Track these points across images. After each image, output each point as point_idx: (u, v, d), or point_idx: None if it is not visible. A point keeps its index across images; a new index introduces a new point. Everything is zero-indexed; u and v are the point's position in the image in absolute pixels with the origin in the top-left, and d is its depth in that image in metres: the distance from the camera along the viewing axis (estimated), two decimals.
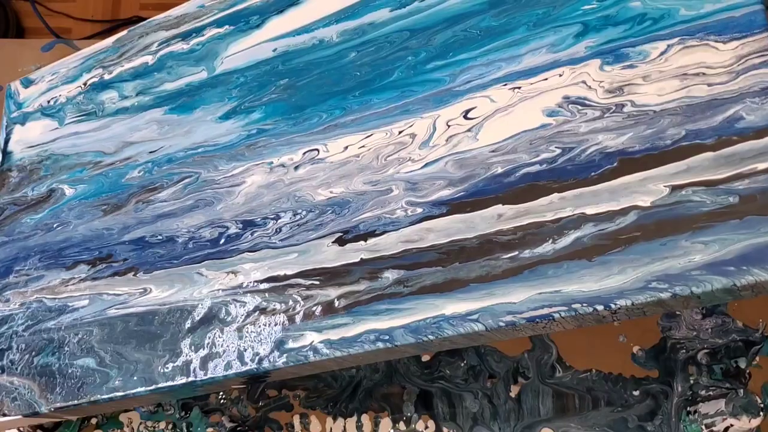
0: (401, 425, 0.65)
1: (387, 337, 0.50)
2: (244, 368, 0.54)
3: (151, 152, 0.68)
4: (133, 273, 0.64)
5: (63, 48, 0.87)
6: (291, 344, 0.53)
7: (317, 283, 0.54)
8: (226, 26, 0.67)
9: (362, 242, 0.54)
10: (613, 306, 0.43)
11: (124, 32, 0.74)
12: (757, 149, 0.42)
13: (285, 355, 0.53)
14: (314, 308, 0.54)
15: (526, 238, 0.47)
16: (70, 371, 0.64)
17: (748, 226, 0.41)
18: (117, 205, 0.68)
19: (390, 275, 0.52)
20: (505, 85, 0.51)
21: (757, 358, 0.62)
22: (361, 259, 0.53)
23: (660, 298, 0.42)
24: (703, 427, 0.61)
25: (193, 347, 0.58)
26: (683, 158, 0.44)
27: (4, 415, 0.66)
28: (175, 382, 0.57)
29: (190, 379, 0.57)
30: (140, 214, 0.66)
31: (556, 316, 0.44)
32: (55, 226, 0.71)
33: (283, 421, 0.68)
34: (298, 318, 0.54)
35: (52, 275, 0.69)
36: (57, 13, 1.44)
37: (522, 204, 0.48)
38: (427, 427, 0.65)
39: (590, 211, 0.46)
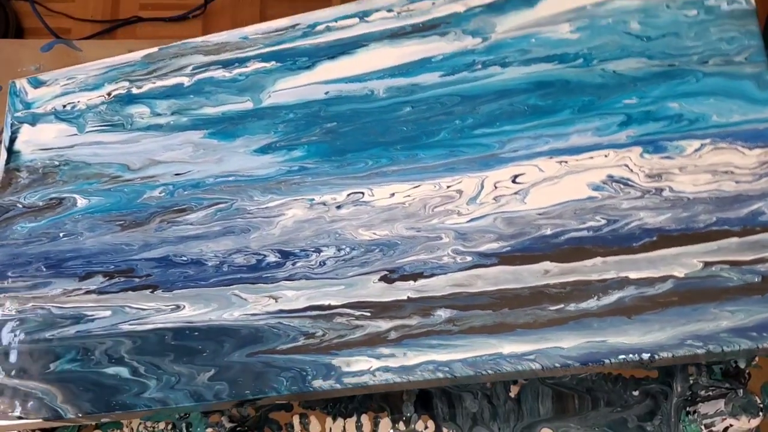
0: (401, 425, 0.68)
1: (447, 369, 0.55)
2: (305, 388, 0.58)
3: (176, 174, 0.70)
4: (152, 290, 0.66)
5: (63, 48, 0.87)
6: (348, 368, 0.58)
7: (368, 314, 0.59)
8: (273, 62, 0.70)
9: (411, 282, 0.59)
10: (656, 357, 0.51)
11: (155, 49, 0.75)
12: None
13: (343, 378, 0.58)
14: (367, 337, 0.58)
15: (573, 293, 0.55)
16: (98, 379, 0.64)
17: (767, 301, 0.50)
18: (136, 222, 0.69)
19: (442, 313, 0.57)
20: (551, 158, 0.59)
21: (757, 359, 0.65)
22: (408, 297, 0.59)
23: (696, 353, 0.51)
24: (703, 427, 0.62)
25: (241, 365, 0.61)
26: (714, 240, 0.53)
27: (20, 418, 0.65)
28: (224, 398, 0.60)
29: (242, 394, 0.60)
30: (162, 234, 0.68)
31: (606, 361, 0.52)
32: (61, 235, 0.71)
33: (282, 421, 0.70)
34: (351, 344, 0.58)
35: (61, 284, 0.69)
36: (56, 14, 1.42)
37: (568, 263, 0.56)
38: (426, 428, 0.67)
39: (633, 275, 0.54)
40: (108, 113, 0.74)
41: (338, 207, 0.64)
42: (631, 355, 0.52)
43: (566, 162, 0.59)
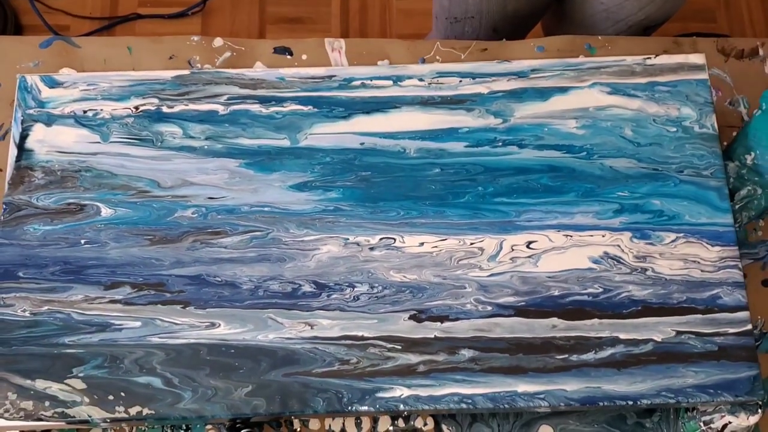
0: (400, 422, 0.73)
1: (470, 401, 0.66)
2: (341, 409, 0.66)
3: (210, 198, 0.74)
4: (183, 305, 0.70)
5: (61, 45, 0.86)
6: (382, 394, 0.66)
7: (399, 347, 0.68)
8: (310, 107, 0.77)
9: (438, 323, 0.69)
10: (639, 403, 0.66)
11: (186, 72, 0.79)
12: (729, 319, 0.68)
13: (376, 402, 0.66)
14: (398, 367, 0.67)
15: (575, 346, 0.68)
16: (128, 387, 0.67)
17: (722, 366, 0.67)
18: (167, 238, 0.73)
19: (466, 353, 0.68)
20: (559, 231, 0.72)
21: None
22: (435, 336, 0.69)
23: (668, 402, 0.66)
24: (701, 424, 0.66)
25: (278, 383, 0.67)
26: (684, 314, 0.68)
27: (39, 419, 0.66)
28: (261, 413, 0.66)
29: (279, 410, 0.66)
30: (195, 253, 0.72)
31: (600, 403, 0.66)
32: (82, 242, 0.73)
33: (282, 418, 0.72)
34: (384, 373, 0.67)
35: (82, 290, 0.71)
36: (55, 10, 1.36)
37: (572, 321, 0.69)
38: (426, 425, 0.73)
39: (623, 336, 0.68)
40: (136, 127, 0.77)
41: (371, 248, 0.72)
42: (619, 401, 0.66)
43: (571, 236, 0.72)
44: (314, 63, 0.85)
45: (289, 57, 0.86)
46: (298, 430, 0.73)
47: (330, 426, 0.74)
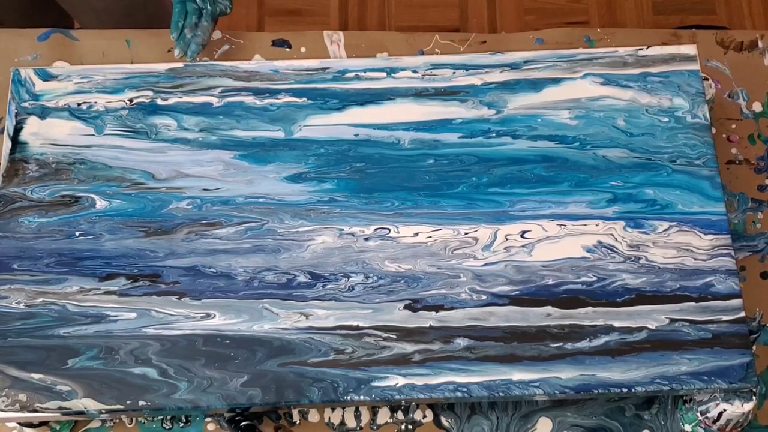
0: (399, 414, 0.73)
1: (465, 389, 0.66)
2: (336, 398, 0.66)
3: (205, 189, 0.74)
4: (178, 296, 0.70)
5: (59, 38, 0.86)
6: (377, 384, 0.67)
7: (394, 337, 0.69)
8: (304, 98, 0.77)
9: (433, 312, 0.69)
10: (633, 390, 0.66)
11: (180, 64, 0.79)
12: (722, 307, 0.68)
13: (372, 392, 0.66)
14: (393, 357, 0.67)
15: (570, 334, 0.68)
16: (123, 378, 0.67)
17: (715, 353, 0.67)
18: (162, 230, 0.73)
19: (461, 342, 0.68)
20: (553, 221, 0.72)
21: (754, 347, 0.71)
22: (430, 325, 0.69)
23: (662, 389, 0.66)
24: (698, 414, 0.66)
25: (274, 373, 0.67)
26: (677, 302, 0.69)
27: (35, 411, 0.66)
28: (257, 403, 0.66)
29: (275, 400, 0.66)
30: (190, 245, 0.72)
31: (595, 391, 0.66)
32: (77, 234, 0.73)
33: (281, 410, 0.73)
34: (380, 362, 0.67)
35: (77, 282, 0.71)
36: None
37: (566, 310, 0.69)
38: (425, 417, 0.74)
39: (617, 324, 0.68)
40: (130, 119, 0.77)
41: (366, 239, 0.72)
42: (614, 389, 0.66)
43: (565, 226, 0.72)
44: (313, 56, 0.85)
45: (287, 50, 0.87)
46: (298, 422, 0.74)
47: (329, 418, 0.74)
